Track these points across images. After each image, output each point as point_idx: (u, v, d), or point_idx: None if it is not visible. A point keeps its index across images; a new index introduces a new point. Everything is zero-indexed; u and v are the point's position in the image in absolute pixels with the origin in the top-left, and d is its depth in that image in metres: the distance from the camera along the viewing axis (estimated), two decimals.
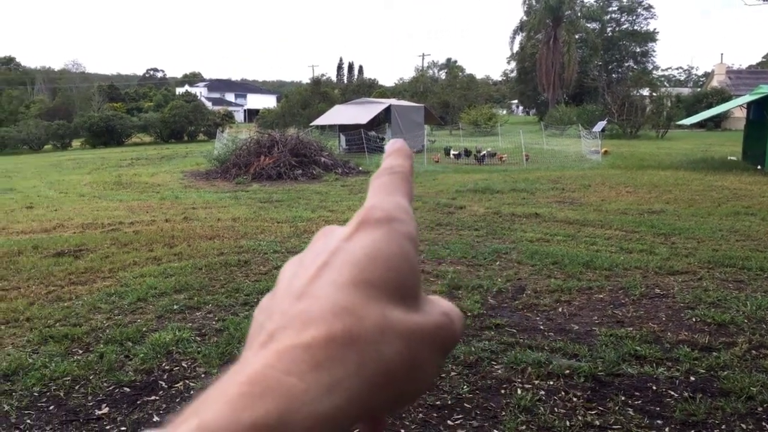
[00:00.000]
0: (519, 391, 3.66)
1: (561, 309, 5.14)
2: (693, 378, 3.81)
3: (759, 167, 15.84)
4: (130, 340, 4.53)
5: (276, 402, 0.26)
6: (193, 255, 7.19)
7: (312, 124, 27.00)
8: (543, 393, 3.65)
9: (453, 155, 21.24)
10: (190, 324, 4.87)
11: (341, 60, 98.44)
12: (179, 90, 76.80)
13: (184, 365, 4.15)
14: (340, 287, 0.30)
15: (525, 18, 57.52)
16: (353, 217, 0.34)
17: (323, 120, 26.48)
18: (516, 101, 76.67)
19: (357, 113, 24.64)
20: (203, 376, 3.95)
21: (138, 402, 3.67)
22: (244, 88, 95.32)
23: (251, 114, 73.14)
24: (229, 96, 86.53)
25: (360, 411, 0.28)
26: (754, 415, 3.36)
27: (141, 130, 42.24)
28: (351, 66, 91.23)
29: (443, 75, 72.88)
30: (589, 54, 57.79)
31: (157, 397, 3.73)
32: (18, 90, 72.55)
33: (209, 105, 58.06)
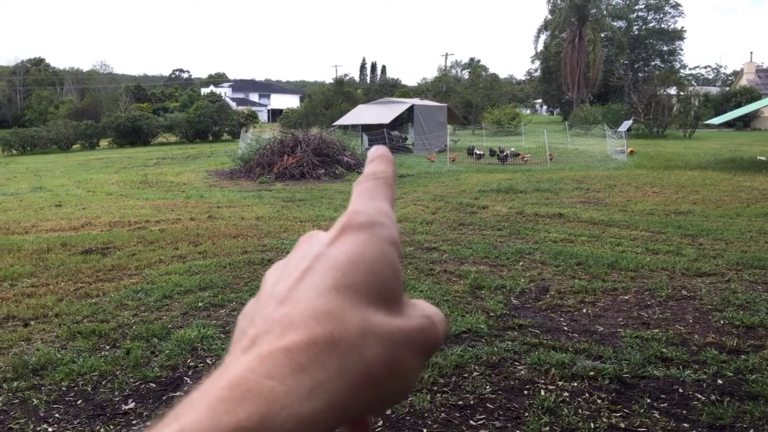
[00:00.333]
0: (542, 392, 3.63)
1: (585, 310, 5.09)
2: (720, 381, 3.75)
3: None
4: (156, 336, 4.60)
5: (256, 405, 0.26)
6: (218, 253, 7.27)
7: (335, 123, 27.12)
8: (567, 394, 3.62)
9: (477, 154, 21.14)
10: (214, 321, 4.92)
11: (364, 60, 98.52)
12: (204, 90, 77.79)
13: (208, 362, 4.20)
14: (322, 292, 0.30)
15: (549, 17, 57.11)
16: (336, 222, 0.35)
17: (346, 120, 26.58)
18: (540, 101, 76.20)
19: (380, 113, 24.68)
20: None
21: (164, 397, 3.72)
22: (267, 88, 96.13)
23: (275, 114, 73.70)
24: (253, 96, 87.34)
25: (342, 413, 0.28)
26: None
27: (167, 130, 42.88)
28: (374, 66, 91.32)
29: (466, 74, 72.65)
30: (615, 53, 57.13)
31: (183, 393, 3.76)
32: (47, 90, 74.20)
33: (233, 105, 58.71)
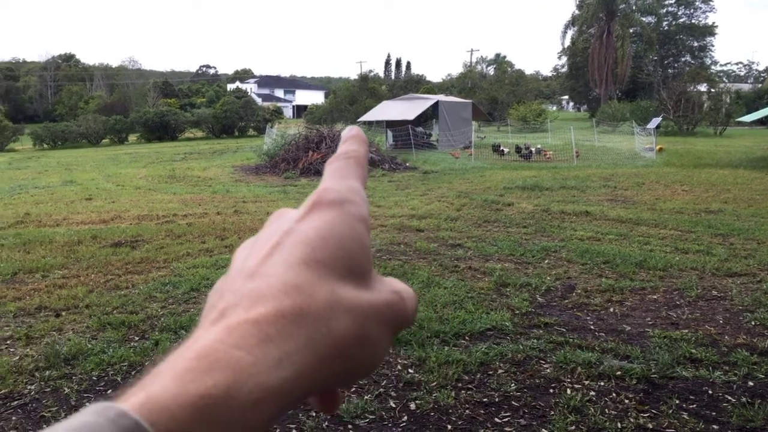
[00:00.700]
0: (568, 391, 3.60)
1: (612, 309, 5.03)
2: (751, 383, 3.68)
3: None
4: (183, 328, 4.66)
5: (224, 374, 0.26)
6: None
7: (359, 119, 27.13)
8: (593, 394, 3.58)
9: (502, 151, 20.97)
10: None
11: (389, 56, 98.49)
12: (230, 86, 78.38)
13: None
14: (291, 266, 0.31)
15: (577, 12, 56.40)
16: (306, 200, 0.35)
17: (371, 116, 26.57)
18: (566, 97, 75.28)
19: (404, 109, 24.63)
20: None
21: None
22: (292, 84, 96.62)
23: (300, 110, 74.04)
24: (279, 92, 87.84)
25: (310, 384, 0.29)
26: None
27: (194, 125, 43.38)
28: (399, 62, 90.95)
29: (492, 71, 72.08)
30: (644, 48, 56.16)
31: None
32: (77, 86, 75.57)
33: (259, 101, 59.05)
